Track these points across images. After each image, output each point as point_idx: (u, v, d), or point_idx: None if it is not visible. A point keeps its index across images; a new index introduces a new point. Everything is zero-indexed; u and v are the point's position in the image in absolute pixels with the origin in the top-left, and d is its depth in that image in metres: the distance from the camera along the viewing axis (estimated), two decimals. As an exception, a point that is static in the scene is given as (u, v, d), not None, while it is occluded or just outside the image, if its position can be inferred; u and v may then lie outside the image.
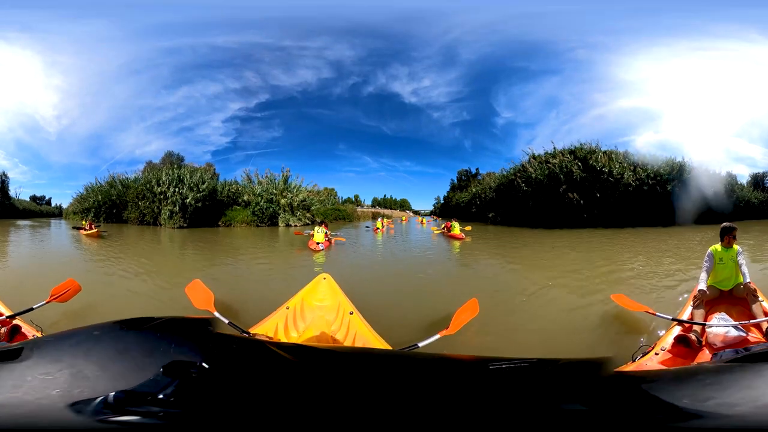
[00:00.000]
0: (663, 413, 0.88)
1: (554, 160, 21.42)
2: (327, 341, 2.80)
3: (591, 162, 20.59)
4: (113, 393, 0.81)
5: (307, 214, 24.16)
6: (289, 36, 29.02)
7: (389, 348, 3.07)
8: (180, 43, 27.96)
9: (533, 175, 21.69)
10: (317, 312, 3.51)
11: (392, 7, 26.73)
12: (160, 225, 22.05)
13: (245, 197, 23.37)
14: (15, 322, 3.51)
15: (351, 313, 3.53)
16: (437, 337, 3.16)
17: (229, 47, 28.40)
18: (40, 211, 29.28)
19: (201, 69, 29.20)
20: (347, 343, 2.99)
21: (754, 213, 21.36)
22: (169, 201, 21.81)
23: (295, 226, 22.30)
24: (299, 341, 2.76)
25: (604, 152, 21.34)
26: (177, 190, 21.85)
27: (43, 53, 25.30)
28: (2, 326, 3.44)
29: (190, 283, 4.24)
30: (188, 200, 21.51)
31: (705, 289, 3.87)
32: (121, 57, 27.67)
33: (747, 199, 21.89)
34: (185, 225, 21.58)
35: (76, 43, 26.04)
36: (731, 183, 21.67)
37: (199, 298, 3.90)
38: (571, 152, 21.79)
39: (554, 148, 22.61)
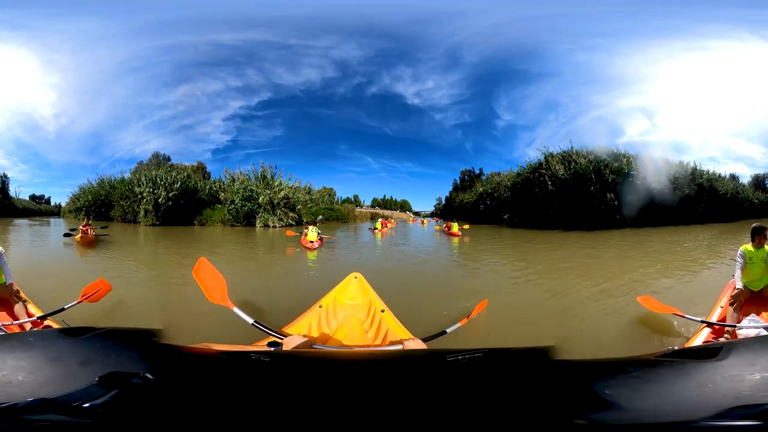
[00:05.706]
0: (584, 402, 0.91)
1: (583, 160, 20.82)
2: (359, 338, 2.96)
3: (616, 164, 20.50)
4: (29, 399, 0.79)
5: (291, 214, 22.59)
6: (297, 34, 28.58)
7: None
8: (181, 41, 27.71)
9: (560, 173, 20.84)
10: (348, 310, 3.61)
11: (409, 7, 26.16)
12: (138, 223, 22.07)
13: (221, 195, 22.31)
14: (46, 322, 3.52)
15: (382, 311, 3.64)
16: (458, 326, 3.52)
17: (233, 45, 27.99)
18: (39, 210, 29.82)
19: (202, 66, 28.98)
20: (379, 340, 3.17)
21: (756, 213, 21.92)
22: (144, 200, 21.78)
23: (275, 227, 20.88)
24: (333, 338, 2.87)
25: (622, 154, 21.18)
26: (151, 189, 21.85)
27: (39, 51, 25.55)
28: (33, 327, 3.43)
29: (196, 264, 3.51)
30: (160, 199, 21.20)
31: (742, 286, 3.87)
32: (120, 55, 27.62)
33: (749, 200, 22.61)
34: (158, 223, 21.50)
35: (72, 41, 26.17)
36: (735, 185, 22.55)
37: (210, 288, 3.34)
38: (590, 153, 21.42)
39: (571, 147, 22.03)
